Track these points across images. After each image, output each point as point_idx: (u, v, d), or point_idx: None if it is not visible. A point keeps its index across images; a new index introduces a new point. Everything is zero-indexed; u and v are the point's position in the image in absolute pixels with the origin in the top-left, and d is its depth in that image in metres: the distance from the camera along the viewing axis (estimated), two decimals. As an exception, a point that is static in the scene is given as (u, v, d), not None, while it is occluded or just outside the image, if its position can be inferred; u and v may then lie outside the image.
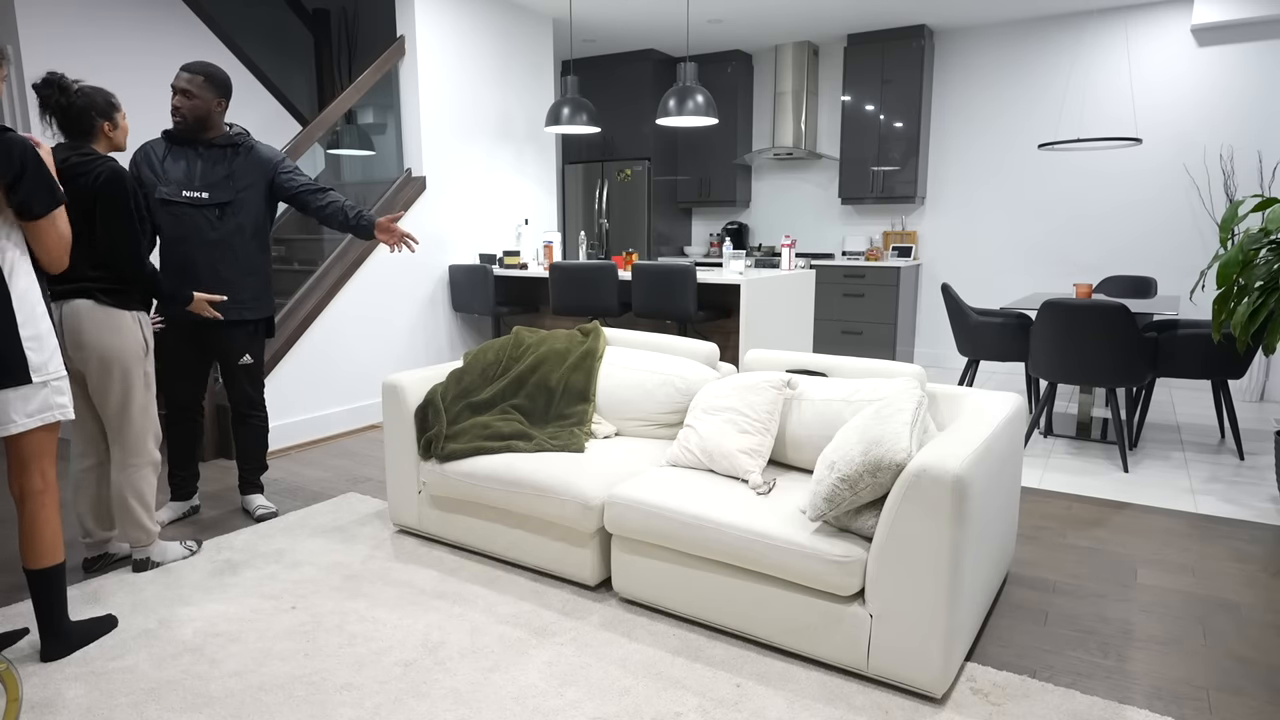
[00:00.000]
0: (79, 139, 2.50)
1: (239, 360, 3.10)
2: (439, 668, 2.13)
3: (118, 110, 2.55)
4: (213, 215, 2.97)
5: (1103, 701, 1.98)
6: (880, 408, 2.20)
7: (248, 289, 3.05)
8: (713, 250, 7.51)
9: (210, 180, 2.96)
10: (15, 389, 1.98)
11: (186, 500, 3.24)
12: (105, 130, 2.52)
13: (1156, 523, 3.18)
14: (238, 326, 3.07)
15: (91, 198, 2.43)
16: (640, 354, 3.08)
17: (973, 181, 6.43)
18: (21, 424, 2.01)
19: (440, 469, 2.81)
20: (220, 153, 3.00)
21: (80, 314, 2.46)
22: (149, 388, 2.61)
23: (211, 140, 2.99)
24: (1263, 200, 3.01)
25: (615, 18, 6.02)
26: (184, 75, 2.91)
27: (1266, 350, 2.98)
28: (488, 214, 5.52)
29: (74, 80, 2.46)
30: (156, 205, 2.76)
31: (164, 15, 4.71)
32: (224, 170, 2.99)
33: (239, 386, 3.15)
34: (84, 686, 2.05)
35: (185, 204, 2.93)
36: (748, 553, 2.13)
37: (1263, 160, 5.35)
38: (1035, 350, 3.99)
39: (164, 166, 2.95)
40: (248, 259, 3.04)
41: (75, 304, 2.46)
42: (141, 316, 2.59)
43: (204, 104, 2.93)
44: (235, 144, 3.02)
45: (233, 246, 3.00)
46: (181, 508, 3.22)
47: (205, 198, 2.96)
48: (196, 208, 2.95)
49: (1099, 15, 5.77)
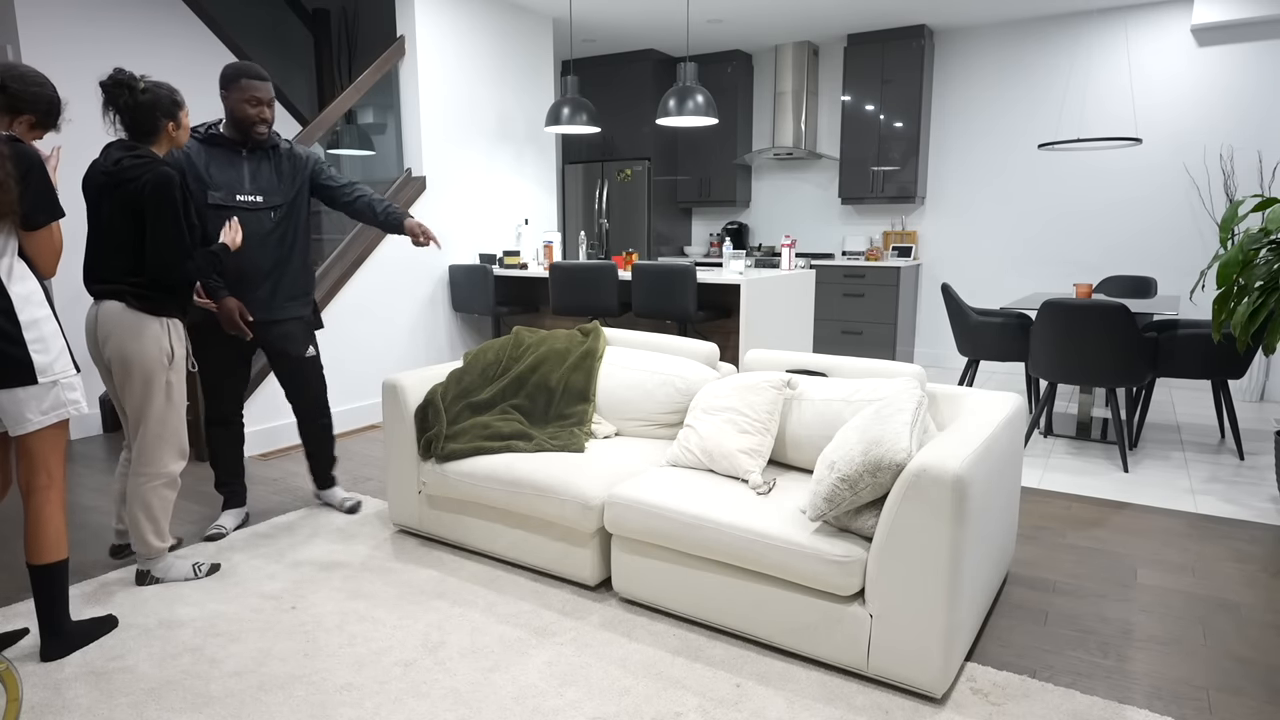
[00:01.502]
0: (142, 139, 2.47)
1: (304, 352, 3.09)
2: (439, 668, 2.13)
3: (181, 108, 2.52)
4: (268, 218, 2.95)
5: (1103, 701, 1.98)
6: (880, 408, 2.20)
7: (300, 286, 3.06)
8: (713, 250, 7.51)
9: (262, 183, 2.94)
10: (26, 388, 2.02)
11: (243, 506, 3.20)
12: (169, 130, 2.50)
13: (1156, 523, 3.18)
14: (296, 322, 3.08)
15: (140, 202, 2.40)
16: (640, 354, 3.08)
17: (973, 181, 6.43)
18: (37, 422, 2.05)
19: (440, 469, 2.81)
20: (262, 154, 2.98)
21: (108, 315, 2.44)
22: (171, 399, 2.54)
23: (259, 144, 2.97)
24: (1263, 200, 3.01)
25: (615, 18, 6.02)
26: (264, 85, 2.87)
27: (1266, 350, 2.98)
28: (488, 214, 5.52)
29: (140, 76, 2.42)
30: (206, 211, 2.76)
31: (164, 15, 4.70)
32: (271, 172, 2.97)
33: (310, 389, 3.14)
34: (84, 686, 2.05)
35: (240, 208, 2.89)
36: (748, 553, 2.13)
37: (1263, 160, 5.35)
38: (1035, 350, 3.99)
39: (209, 172, 2.87)
40: (302, 257, 3.05)
41: (107, 305, 2.44)
42: (173, 325, 2.53)
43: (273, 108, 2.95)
44: (275, 145, 3.00)
45: (289, 246, 3.00)
46: (240, 514, 3.17)
47: (260, 201, 2.93)
48: (251, 211, 2.92)
49: (1099, 15, 5.77)
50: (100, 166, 2.43)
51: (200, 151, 2.87)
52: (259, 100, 2.85)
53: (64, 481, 2.16)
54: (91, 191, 2.46)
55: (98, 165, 2.44)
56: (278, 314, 3.01)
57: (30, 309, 2.03)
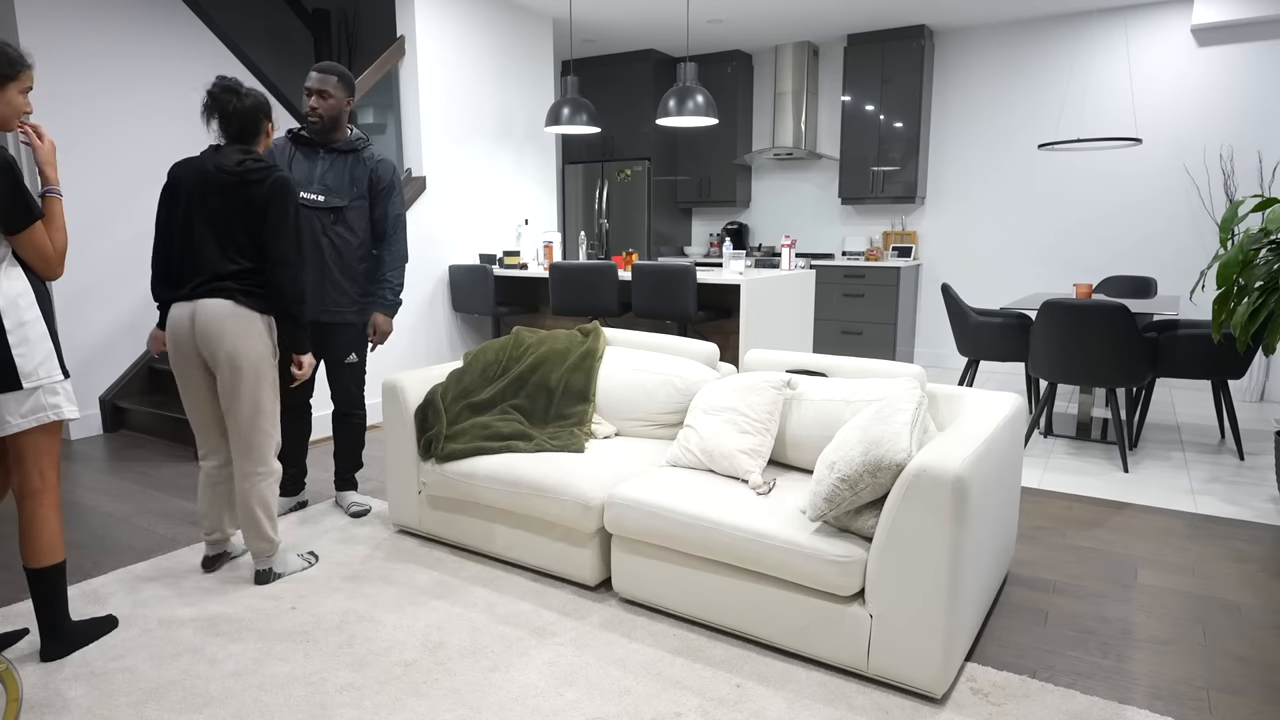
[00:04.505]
0: (248, 141, 2.52)
1: (345, 359, 3.12)
2: (439, 668, 2.13)
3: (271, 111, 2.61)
4: (326, 219, 2.96)
5: (1103, 701, 1.98)
6: (880, 408, 2.20)
7: (348, 295, 3.05)
8: (713, 250, 7.51)
9: (328, 183, 2.95)
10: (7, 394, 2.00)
11: (294, 496, 3.28)
12: (268, 131, 2.58)
13: (1156, 523, 3.18)
14: (342, 328, 3.08)
15: (264, 203, 2.44)
16: (640, 354, 3.08)
17: (973, 181, 6.43)
18: (15, 424, 2.02)
19: (440, 469, 2.81)
20: (342, 158, 2.99)
21: (218, 315, 2.42)
22: (276, 394, 2.58)
23: (335, 143, 2.98)
24: (1263, 200, 3.01)
25: (615, 18, 6.02)
26: (316, 76, 2.87)
27: (1266, 350, 2.98)
28: (488, 214, 5.52)
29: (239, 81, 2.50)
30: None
31: (164, 15, 4.70)
32: (341, 174, 2.97)
33: (343, 385, 3.17)
34: (84, 686, 2.05)
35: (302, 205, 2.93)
36: (748, 553, 2.13)
37: (1263, 160, 5.36)
38: (1035, 350, 3.99)
39: (290, 167, 2.95)
40: (354, 264, 3.03)
41: (213, 304, 2.43)
42: (273, 321, 2.56)
43: (338, 104, 2.92)
44: (356, 149, 3.00)
45: (340, 251, 2.99)
46: (289, 503, 3.26)
47: (321, 201, 2.94)
48: (311, 209, 2.94)
49: (1099, 15, 5.77)
50: (220, 165, 2.47)
51: (286, 147, 2.98)
52: (309, 90, 2.90)
53: (58, 485, 2.15)
54: (198, 189, 2.48)
55: (212, 163, 2.48)
56: (323, 315, 3.03)
57: (17, 312, 2.00)
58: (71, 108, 4.32)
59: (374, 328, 3.10)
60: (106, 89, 4.47)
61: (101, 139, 4.47)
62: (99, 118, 4.45)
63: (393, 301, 3.10)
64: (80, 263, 4.43)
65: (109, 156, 4.51)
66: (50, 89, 4.24)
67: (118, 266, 4.61)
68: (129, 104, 4.57)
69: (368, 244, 3.08)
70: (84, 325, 4.50)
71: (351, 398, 3.20)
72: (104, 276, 4.55)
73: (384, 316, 3.10)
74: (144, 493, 3.57)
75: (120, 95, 4.54)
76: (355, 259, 3.04)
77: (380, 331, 3.11)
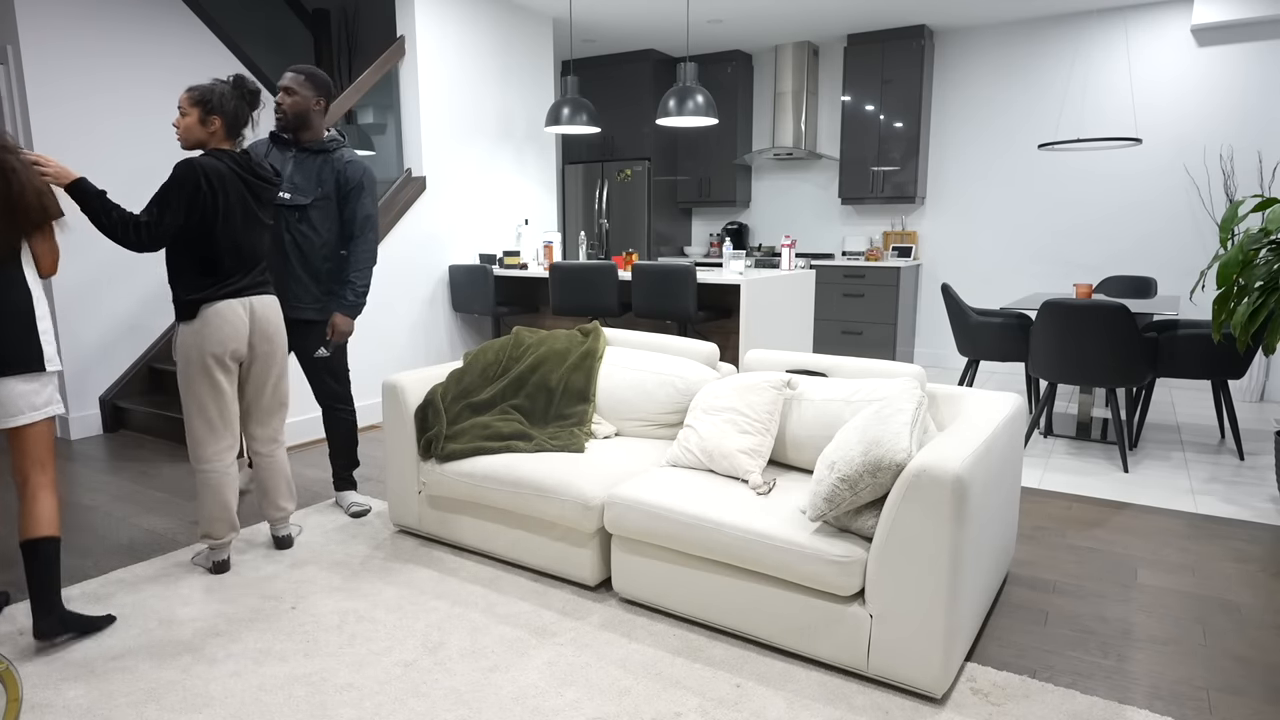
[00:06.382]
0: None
1: (313, 352, 3.16)
2: (439, 668, 2.13)
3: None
4: (291, 216, 3.00)
5: (1103, 701, 1.98)
6: (880, 408, 2.20)
7: (310, 292, 3.07)
8: (713, 250, 7.51)
9: (295, 182, 3.00)
10: (29, 384, 2.15)
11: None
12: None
13: (1156, 523, 3.18)
14: (304, 325, 3.11)
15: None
16: (640, 354, 3.08)
17: (973, 182, 6.43)
18: (29, 416, 2.17)
19: (440, 469, 2.81)
20: (312, 158, 3.03)
21: (274, 308, 2.71)
22: None
23: (307, 143, 3.02)
24: (1263, 200, 3.01)
25: (615, 18, 6.02)
26: (288, 74, 2.97)
27: (1266, 350, 2.98)
28: (488, 214, 5.52)
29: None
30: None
31: (164, 15, 4.70)
32: (309, 173, 3.01)
33: (320, 379, 3.21)
34: (84, 686, 2.05)
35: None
36: (748, 553, 2.13)
37: (1263, 160, 5.35)
38: (1035, 350, 3.99)
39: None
40: (317, 263, 3.05)
41: (267, 298, 2.69)
42: None
43: (303, 101, 2.96)
44: (327, 150, 3.04)
45: (302, 249, 3.03)
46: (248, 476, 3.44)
47: (286, 198, 2.99)
48: (278, 206, 3.00)
49: (1099, 15, 5.77)
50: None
51: (267, 146, 3.08)
52: (278, 88, 2.99)
53: (54, 471, 2.29)
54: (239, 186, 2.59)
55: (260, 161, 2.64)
56: (286, 311, 3.08)
57: (40, 305, 2.20)
58: (71, 106, 4.32)
59: (332, 327, 3.10)
60: (106, 88, 4.47)
61: (101, 138, 4.47)
62: (99, 116, 4.45)
63: (353, 302, 3.08)
64: (80, 262, 4.43)
65: (109, 156, 4.51)
66: (50, 88, 4.24)
67: (118, 266, 4.61)
68: (128, 104, 4.57)
69: (333, 244, 3.09)
70: (84, 325, 4.50)
71: (333, 393, 3.23)
72: (104, 276, 4.55)
73: (343, 316, 3.09)
74: (144, 493, 3.57)
75: (120, 94, 4.53)
76: (319, 258, 3.05)
77: (338, 331, 3.09)
